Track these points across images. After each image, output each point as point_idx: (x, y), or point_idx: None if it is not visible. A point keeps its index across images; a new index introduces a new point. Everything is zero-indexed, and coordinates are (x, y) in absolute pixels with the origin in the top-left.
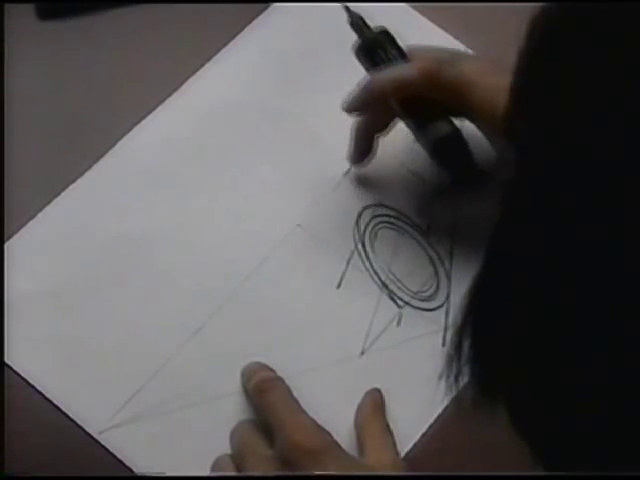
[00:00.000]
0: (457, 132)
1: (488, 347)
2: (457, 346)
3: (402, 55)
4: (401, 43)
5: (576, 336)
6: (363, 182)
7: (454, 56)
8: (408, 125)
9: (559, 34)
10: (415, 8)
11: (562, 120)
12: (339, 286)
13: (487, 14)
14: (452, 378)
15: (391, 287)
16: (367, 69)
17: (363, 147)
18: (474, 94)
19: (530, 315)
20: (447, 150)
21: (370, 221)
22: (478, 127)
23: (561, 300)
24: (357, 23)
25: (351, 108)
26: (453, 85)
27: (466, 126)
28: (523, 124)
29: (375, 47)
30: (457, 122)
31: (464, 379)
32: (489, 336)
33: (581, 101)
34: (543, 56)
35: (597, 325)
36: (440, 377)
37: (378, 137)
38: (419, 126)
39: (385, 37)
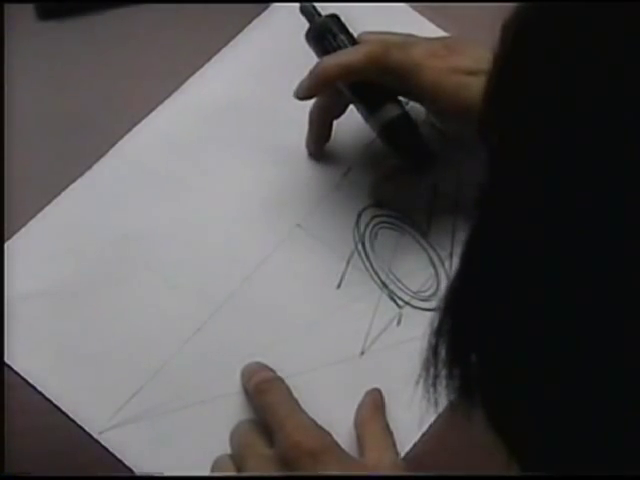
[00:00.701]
0: (405, 114)
1: (465, 350)
2: (434, 349)
3: (352, 40)
4: (351, 28)
5: (552, 338)
6: (363, 182)
7: (404, 40)
8: (358, 109)
9: (531, 37)
10: (415, 8)
11: (535, 123)
12: (339, 286)
13: (487, 14)
14: (429, 381)
15: (391, 287)
16: (318, 55)
17: (320, 133)
18: (421, 76)
19: (506, 318)
20: (396, 132)
21: (370, 221)
22: (427, 109)
23: (537, 302)
24: (307, 10)
25: (301, 94)
26: (400, 68)
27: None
28: (496, 127)
29: (324, 32)
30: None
31: (441, 382)
32: (466, 339)
33: (553, 104)
34: (515, 59)
35: (573, 326)
36: (417, 381)
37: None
38: (369, 109)
39: (334, 22)
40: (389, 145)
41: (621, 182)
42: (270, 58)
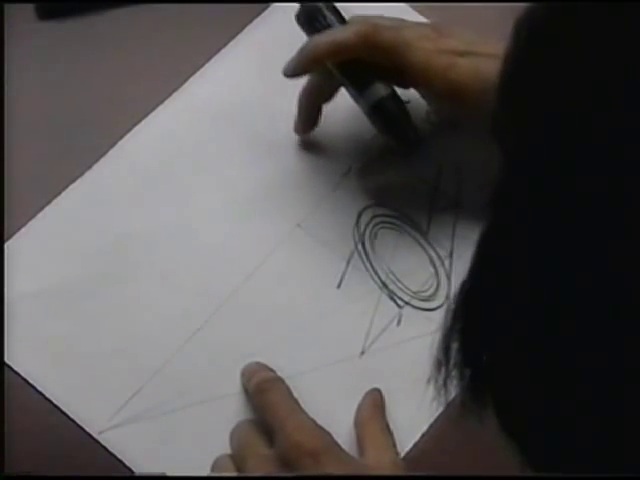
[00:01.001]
0: (394, 93)
1: (476, 351)
2: (445, 350)
3: (343, 21)
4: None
5: (563, 339)
6: (363, 182)
7: (395, 22)
8: (348, 90)
9: (544, 35)
10: (415, 8)
11: (549, 121)
12: (339, 286)
13: (487, 14)
14: (441, 382)
15: (391, 287)
16: (308, 36)
17: (309, 116)
18: (411, 56)
19: (518, 319)
20: (384, 111)
21: (370, 221)
22: (416, 89)
23: (549, 304)
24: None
25: (290, 72)
26: (390, 47)
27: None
28: (511, 125)
29: (314, 13)
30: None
31: (453, 383)
32: (477, 340)
33: (567, 102)
34: (528, 58)
35: (583, 327)
36: (428, 381)
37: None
38: (358, 89)
39: (324, 3)
40: (377, 124)
41: (638, 179)
42: (270, 58)
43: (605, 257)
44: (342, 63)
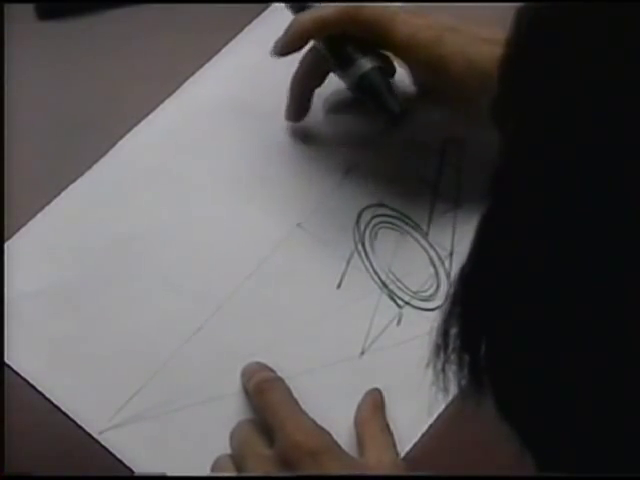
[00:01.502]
0: (379, 67)
1: (475, 335)
2: (444, 334)
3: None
4: None
5: (560, 324)
6: (363, 182)
7: (381, 5)
8: (335, 68)
9: (545, 24)
10: (415, 8)
11: (549, 109)
12: (339, 286)
13: (487, 14)
14: (439, 367)
15: (391, 287)
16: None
17: (300, 103)
18: (395, 30)
19: (517, 303)
20: (368, 84)
21: (370, 221)
22: (401, 61)
23: (547, 289)
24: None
25: (278, 51)
26: (375, 22)
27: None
28: (511, 114)
29: None
30: None
31: (451, 368)
32: (476, 325)
33: (567, 91)
34: (529, 46)
35: (583, 310)
36: (427, 366)
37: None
38: (343, 66)
39: None
40: (361, 97)
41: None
42: (270, 58)
43: (605, 240)
44: (329, 41)
